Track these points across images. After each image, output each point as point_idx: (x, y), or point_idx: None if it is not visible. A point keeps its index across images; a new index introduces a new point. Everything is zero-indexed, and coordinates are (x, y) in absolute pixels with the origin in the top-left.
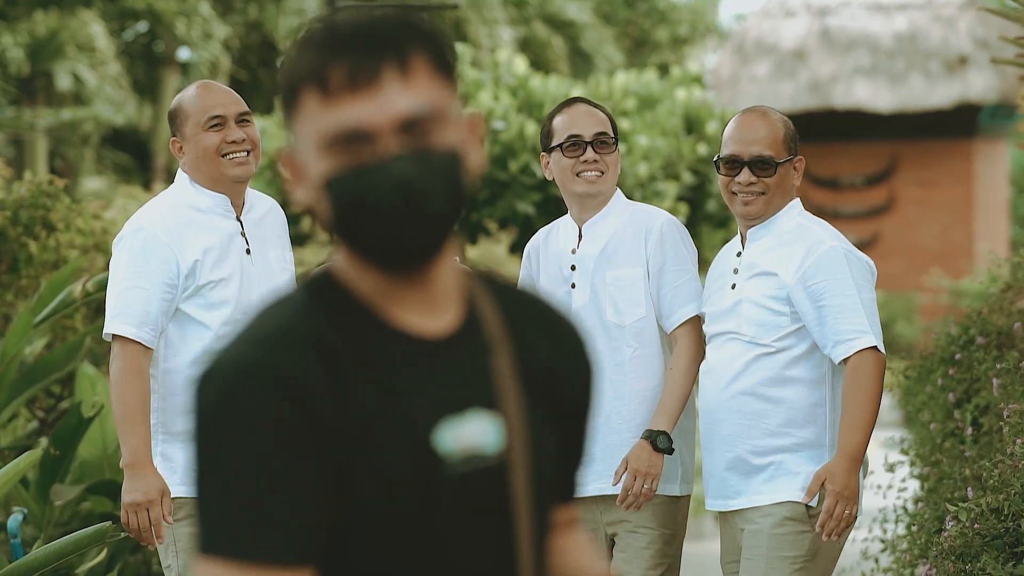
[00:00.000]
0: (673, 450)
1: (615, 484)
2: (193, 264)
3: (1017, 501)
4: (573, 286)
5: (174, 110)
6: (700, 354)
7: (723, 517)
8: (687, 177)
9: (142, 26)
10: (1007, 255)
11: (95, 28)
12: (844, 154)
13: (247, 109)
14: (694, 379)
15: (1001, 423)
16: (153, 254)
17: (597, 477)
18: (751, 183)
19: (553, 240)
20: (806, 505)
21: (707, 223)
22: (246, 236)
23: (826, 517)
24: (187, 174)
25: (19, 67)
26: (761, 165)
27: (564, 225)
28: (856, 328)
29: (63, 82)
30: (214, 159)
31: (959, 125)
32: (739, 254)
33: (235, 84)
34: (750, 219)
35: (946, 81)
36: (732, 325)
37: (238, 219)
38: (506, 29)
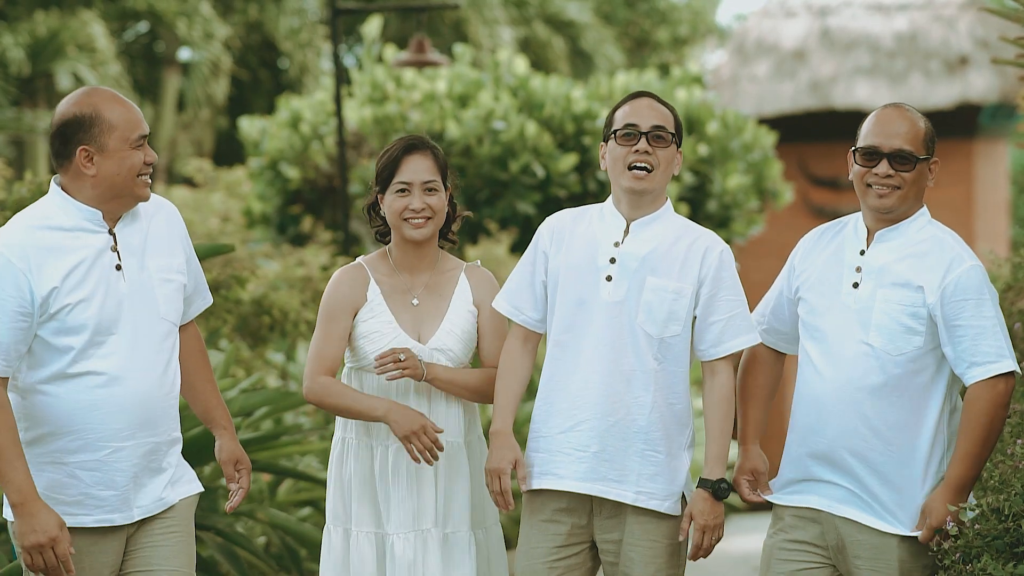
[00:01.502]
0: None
1: (681, 539)
2: (50, 291)
3: (1017, 502)
4: (609, 279)
5: (89, 117)
6: (734, 388)
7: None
8: (687, 177)
9: (143, 26)
10: (1007, 255)
11: (95, 28)
12: (844, 154)
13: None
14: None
15: None
16: (6, 281)
17: (600, 478)
18: (888, 175)
19: (586, 226)
20: None
21: (707, 223)
22: (118, 250)
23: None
24: (67, 185)
25: (19, 67)
26: (900, 159)
27: (604, 214)
28: (996, 351)
29: (64, 82)
30: (133, 179)
31: (959, 125)
32: (863, 252)
33: (236, 84)
34: (882, 212)
35: (946, 81)
36: (858, 331)
37: (111, 232)
38: (506, 29)
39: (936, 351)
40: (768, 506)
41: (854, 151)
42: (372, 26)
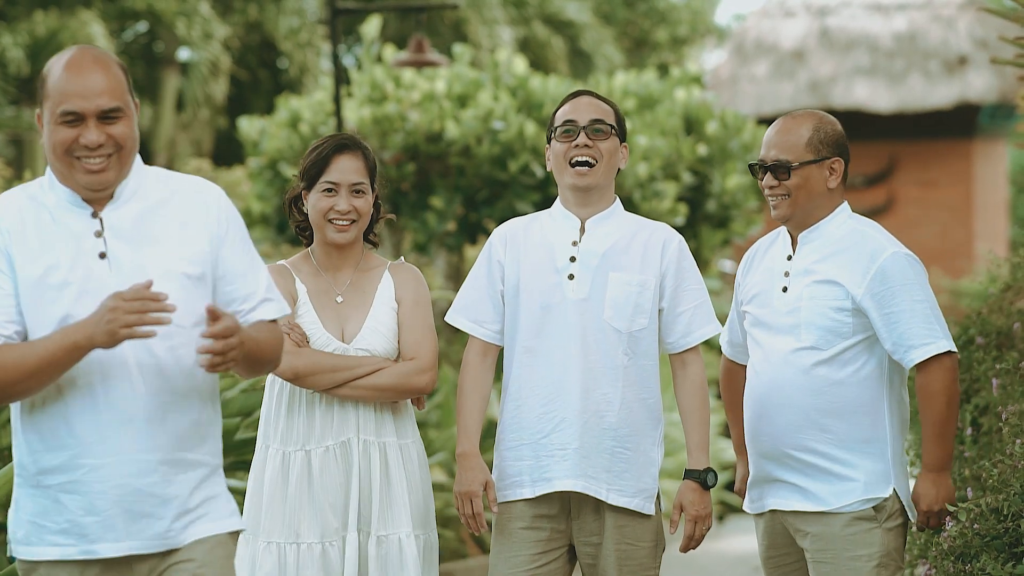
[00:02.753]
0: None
1: (672, 532)
2: (28, 276)
3: (1016, 501)
4: (571, 277)
5: (43, 77)
6: (705, 375)
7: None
8: (687, 177)
9: (142, 26)
10: (1006, 255)
11: (95, 28)
12: None
13: (118, 104)
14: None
15: (1000, 423)
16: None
17: (574, 475)
18: (772, 186)
19: (538, 230)
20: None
21: (707, 223)
22: (104, 236)
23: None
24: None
25: (19, 67)
26: (777, 169)
27: (555, 217)
28: (929, 333)
29: None
30: (67, 159)
31: (958, 125)
32: (789, 257)
33: (235, 84)
34: (782, 222)
35: (945, 81)
36: (789, 331)
37: (95, 216)
38: (506, 29)
39: (868, 342)
40: None
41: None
42: (371, 26)
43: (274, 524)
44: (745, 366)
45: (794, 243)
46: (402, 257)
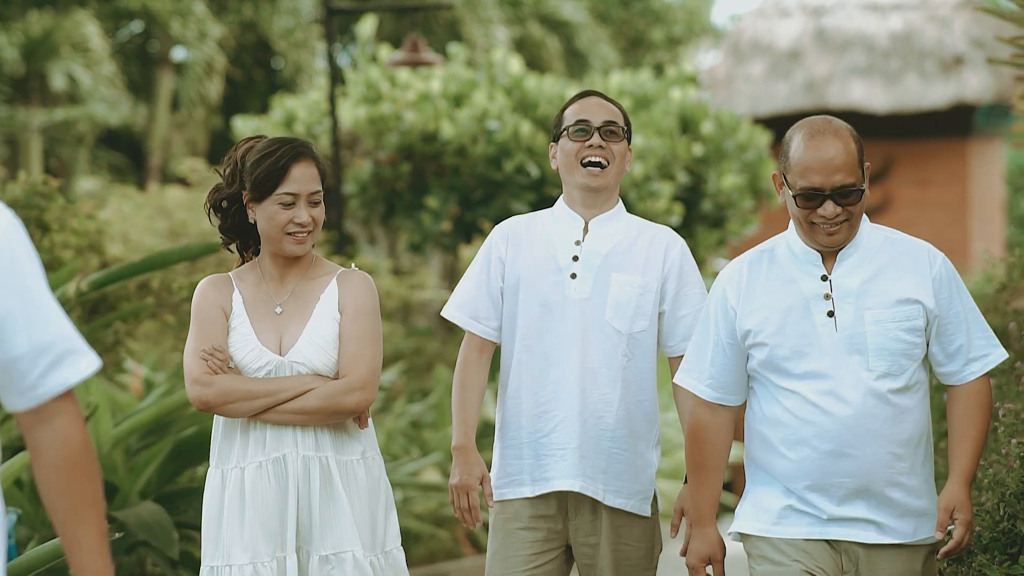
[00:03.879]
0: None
1: (673, 536)
2: None
3: (1012, 502)
4: (573, 276)
5: None
6: None
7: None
8: (682, 177)
9: (137, 26)
10: (1002, 255)
11: (89, 28)
12: None
13: None
14: None
15: (996, 423)
16: None
17: (572, 475)
18: (837, 214)
19: (540, 229)
20: None
21: (702, 223)
22: None
23: (954, 547)
24: None
25: (14, 67)
26: (845, 193)
27: (557, 216)
28: (989, 343)
29: (58, 82)
30: None
31: (954, 125)
32: (825, 277)
33: (230, 84)
34: (836, 248)
35: (941, 81)
36: (856, 360)
37: None
38: (501, 29)
39: (924, 362)
40: None
41: (792, 190)
42: (366, 26)
43: (209, 547)
44: (727, 410)
45: (825, 261)
46: (354, 264)
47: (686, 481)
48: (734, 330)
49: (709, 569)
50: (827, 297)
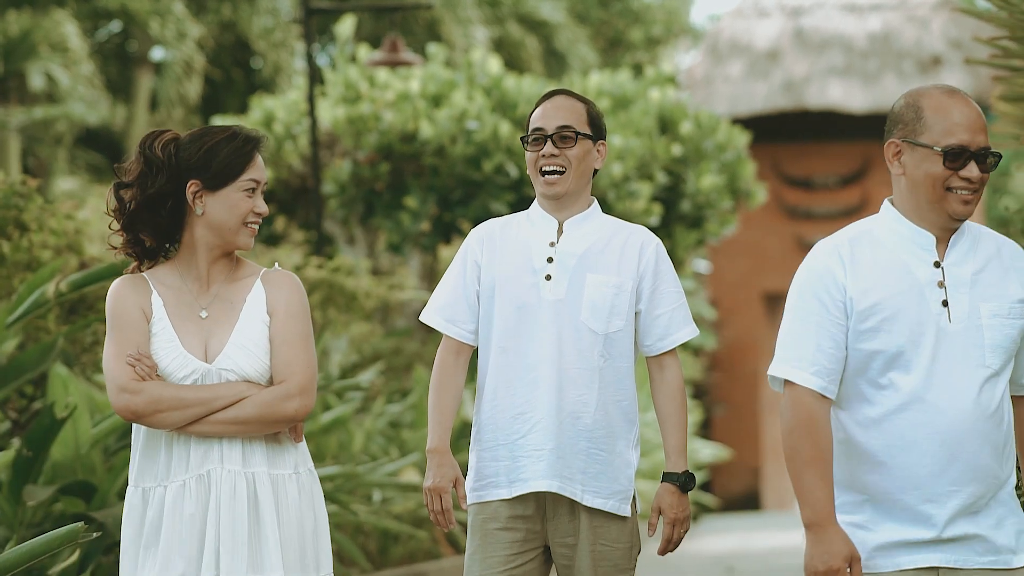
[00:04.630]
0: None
1: (651, 535)
2: None
3: None
4: (548, 278)
5: None
6: (683, 378)
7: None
8: (661, 177)
9: (115, 26)
10: None
11: (68, 28)
12: (818, 154)
13: None
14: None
15: None
16: None
17: (549, 476)
18: (978, 178)
19: (515, 231)
20: None
21: (681, 223)
22: None
23: None
24: None
25: None
26: (989, 157)
27: (532, 218)
28: None
29: (36, 82)
30: None
31: None
32: (937, 264)
33: (209, 84)
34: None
35: (919, 81)
36: (973, 354)
37: None
38: (480, 29)
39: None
40: (744, 506)
41: (929, 148)
42: (345, 26)
43: (126, 570)
44: (829, 407)
45: (939, 245)
46: (277, 263)
47: (683, 486)
48: (844, 308)
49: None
50: (940, 285)
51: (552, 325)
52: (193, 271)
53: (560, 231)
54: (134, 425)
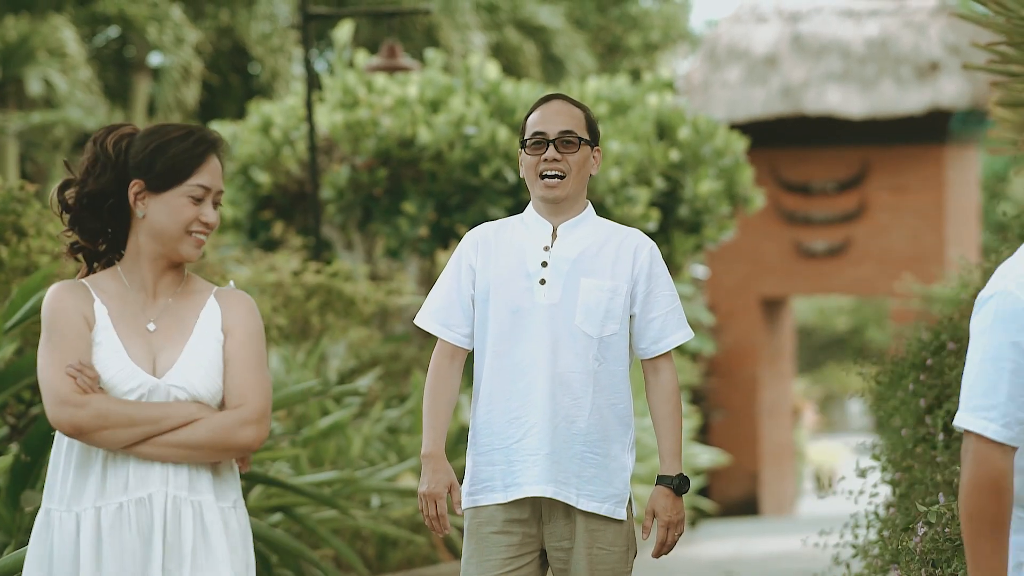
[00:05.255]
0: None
1: (645, 538)
2: None
3: None
4: (543, 282)
5: None
6: (677, 381)
7: None
8: (659, 183)
9: (113, 31)
10: (978, 260)
11: (66, 33)
12: (816, 160)
13: None
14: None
15: None
16: None
17: (552, 480)
18: None
19: (510, 235)
20: None
21: (679, 229)
22: None
23: None
24: None
25: None
26: None
27: (527, 222)
28: None
29: (34, 87)
30: None
31: (930, 131)
32: None
33: (207, 89)
34: None
35: (917, 87)
36: None
37: None
38: (478, 34)
39: None
40: (742, 511)
41: None
42: (343, 31)
43: None
44: (1013, 457)
45: None
46: (232, 282)
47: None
48: None
49: None
50: None
51: (547, 329)
52: (138, 280)
53: (554, 235)
54: (61, 441)
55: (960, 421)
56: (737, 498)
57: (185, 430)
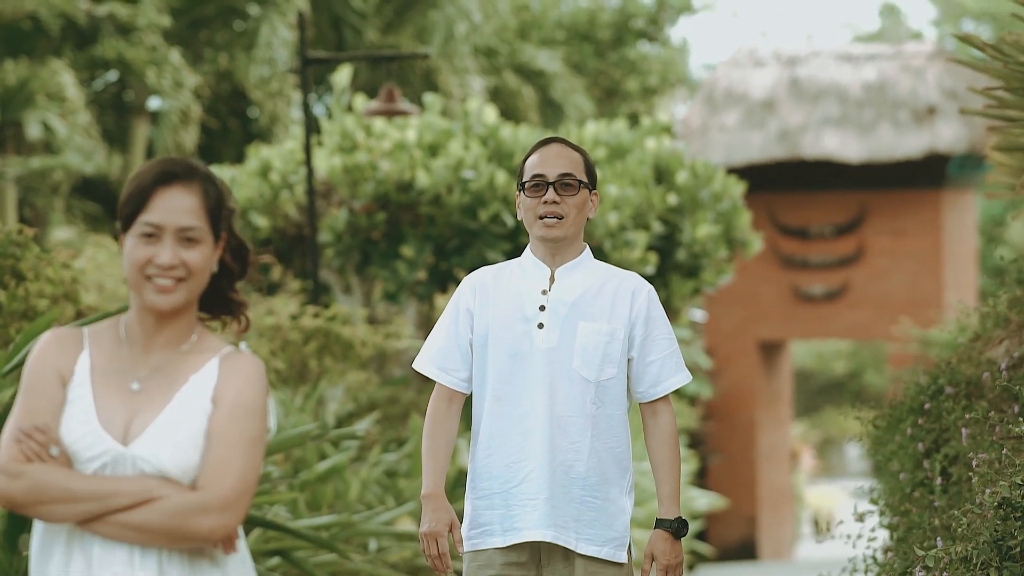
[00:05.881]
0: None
1: None
2: None
3: (986, 550)
4: (540, 326)
5: None
6: (676, 425)
7: None
8: (657, 226)
9: (112, 75)
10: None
11: (65, 77)
12: (813, 204)
13: None
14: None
15: (970, 473)
16: None
17: (551, 525)
18: None
19: (508, 279)
20: None
21: (676, 272)
22: None
23: None
24: None
25: None
26: None
27: (524, 266)
28: None
29: (33, 131)
30: None
31: (928, 175)
32: None
33: (206, 133)
34: None
35: (915, 131)
36: None
37: None
38: (476, 79)
39: None
40: (740, 555)
41: None
42: (342, 75)
43: None
44: None
45: None
46: (244, 343)
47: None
48: None
49: None
50: None
51: (545, 373)
52: (134, 333)
53: (552, 279)
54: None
55: None
56: (735, 542)
57: (139, 511)
